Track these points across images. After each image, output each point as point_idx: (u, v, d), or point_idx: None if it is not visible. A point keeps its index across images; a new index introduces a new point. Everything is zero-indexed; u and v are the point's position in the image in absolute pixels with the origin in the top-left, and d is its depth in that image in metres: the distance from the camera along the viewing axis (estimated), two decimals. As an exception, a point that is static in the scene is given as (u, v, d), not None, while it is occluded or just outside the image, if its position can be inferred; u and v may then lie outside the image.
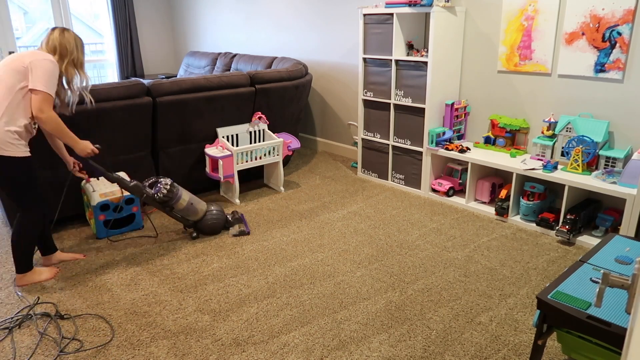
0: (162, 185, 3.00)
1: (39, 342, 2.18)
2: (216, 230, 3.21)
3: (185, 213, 3.09)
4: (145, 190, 2.98)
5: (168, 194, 2.99)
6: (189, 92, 3.55)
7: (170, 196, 3.00)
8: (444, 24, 3.54)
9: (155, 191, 3.00)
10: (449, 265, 2.80)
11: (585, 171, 3.06)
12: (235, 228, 3.24)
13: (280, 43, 5.37)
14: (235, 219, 3.30)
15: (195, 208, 3.11)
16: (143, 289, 2.60)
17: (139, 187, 2.96)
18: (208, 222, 3.16)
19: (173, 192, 3.01)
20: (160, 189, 2.99)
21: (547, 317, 1.63)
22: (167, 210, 3.08)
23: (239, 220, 3.31)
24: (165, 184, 3.00)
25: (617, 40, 2.96)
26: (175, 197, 3.02)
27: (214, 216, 3.18)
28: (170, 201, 3.02)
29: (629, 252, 1.89)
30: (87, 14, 6.73)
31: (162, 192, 2.98)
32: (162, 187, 2.99)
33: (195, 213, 3.12)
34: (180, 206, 3.05)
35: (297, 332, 2.23)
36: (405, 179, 4.01)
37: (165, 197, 2.99)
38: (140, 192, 2.96)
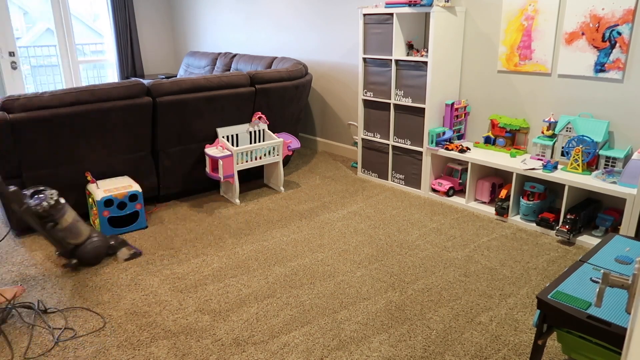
0: (47, 196, 2.61)
1: (32, 332, 2.18)
2: (99, 256, 2.83)
3: (67, 233, 2.69)
4: (26, 199, 2.57)
5: (52, 207, 2.59)
6: (189, 92, 3.55)
7: (54, 210, 2.60)
8: (444, 24, 3.54)
9: (36, 202, 2.57)
10: (449, 265, 2.80)
11: (585, 171, 3.06)
12: (124, 252, 2.92)
13: (280, 43, 5.37)
14: (119, 243, 2.95)
15: (78, 229, 2.74)
16: (143, 289, 2.60)
17: (18, 195, 2.53)
18: (89, 248, 2.77)
19: (58, 207, 2.62)
20: (43, 200, 2.58)
21: (547, 317, 1.63)
22: (46, 228, 2.62)
23: (123, 243, 2.96)
24: (50, 195, 2.62)
25: (617, 40, 2.96)
26: (59, 213, 2.63)
27: (96, 241, 2.80)
28: (53, 217, 2.60)
29: (629, 252, 1.89)
30: (87, 14, 6.73)
31: (44, 204, 2.56)
32: (47, 198, 2.59)
33: (77, 235, 2.74)
34: (64, 223, 2.65)
35: (297, 332, 2.23)
36: (405, 179, 4.01)
37: (48, 212, 2.58)
38: (20, 201, 2.54)
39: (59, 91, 3.09)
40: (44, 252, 3.01)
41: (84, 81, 6.66)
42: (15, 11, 6.01)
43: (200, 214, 3.57)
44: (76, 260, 2.76)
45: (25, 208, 2.55)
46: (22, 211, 2.54)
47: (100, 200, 3.08)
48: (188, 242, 3.14)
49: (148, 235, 3.23)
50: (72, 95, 3.10)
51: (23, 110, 2.96)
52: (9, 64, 5.73)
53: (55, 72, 6.40)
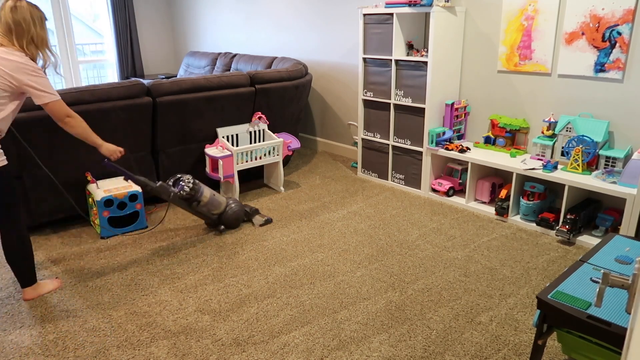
0: (185, 182, 3.01)
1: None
2: (239, 219, 3.25)
3: (209, 207, 3.11)
4: (171, 189, 2.98)
5: (192, 189, 3.00)
6: (189, 92, 3.55)
7: (194, 192, 3.02)
8: (444, 24, 3.54)
9: (179, 189, 3.01)
10: (449, 265, 2.80)
11: (585, 171, 3.06)
12: (258, 218, 3.32)
13: (280, 43, 5.37)
14: (253, 210, 3.37)
15: (217, 200, 3.14)
16: (143, 289, 2.60)
17: (165, 188, 2.95)
18: (230, 214, 3.20)
19: (196, 187, 3.03)
20: (183, 186, 3.00)
21: (547, 317, 1.63)
22: (192, 207, 3.07)
23: (257, 211, 3.39)
24: (187, 180, 3.02)
25: (617, 40, 2.96)
26: (199, 192, 3.04)
27: (234, 208, 3.22)
28: (195, 196, 3.04)
29: (629, 252, 1.89)
30: (87, 14, 6.73)
31: (185, 188, 2.99)
32: (185, 184, 3.00)
33: (218, 205, 3.14)
34: (204, 200, 3.07)
35: (297, 332, 2.23)
36: (405, 179, 4.01)
37: (190, 193, 3.01)
38: (167, 192, 2.95)
39: (59, 91, 3.09)
40: (45, 252, 3.01)
41: (84, 81, 6.66)
42: (15, 11, 5.99)
43: (200, 214, 3.57)
44: (223, 226, 3.18)
45: (173, 196, 2.97)
46: (171, 199, 2.96)
47: (100, 200, 3.08)
48: (188, 242, 3.14)
49: (148, 235, 3.23)
50: (72, 96, 3.10)
51: (23, 110, 2.96)
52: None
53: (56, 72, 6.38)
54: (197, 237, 3.21)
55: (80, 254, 2.99)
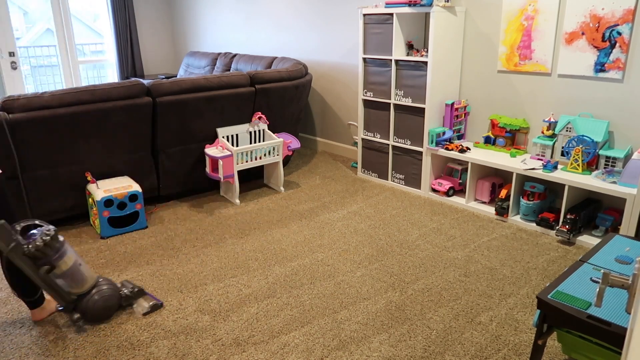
0: (43, 232, 2.06)
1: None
2: (110, 309, 2.31)
3: (68, 281, 2.17)
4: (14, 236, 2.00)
5: (46, 246, 2.04)
6: (189, 92, 3.55)
7: (50, 250, 2.06)
8: (444, 24, 3.54)
9: (28, 240, 2.04)
10: (449, 265, 2.80)
11: (585, 171, 3.06)
12: (142, 304, 2.40)
13: (280, 43, 5.37)
14: (134, 293, 2.42)
15: (82, 274, 2.20)
16: (143, 289, 2.60)
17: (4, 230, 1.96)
18: (97, 300, 2.24)
19: (54, 245, 2.07)
20: (36, 238, 2.03)
21: (547, 317, 1.63)
22: (42, 273, 2.07)
23: (140, 293, 2.46)
24: (47, 231, 2.06)
25: (617, 40, 2.95)
26: (56, 254, 2.09)
27: (105, 293, 2.27)
28: (49, 258, 2.06)
29: (629, 252, 1.89)
30: (87, 14, 6.73)
31: (38, 242, 2.01)
32: (42, 235, 2.04)
33: (80, 282, 2.20)
34: (64, 266, 2.11)
35: (297, 332, 2.23)
36: (405, 179, 4.01)
37: (42, 251, 2.03)
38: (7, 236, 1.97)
39: (59, 91, 3.09)
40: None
41: (84, 81, 6.65)
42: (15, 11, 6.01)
43: (200, 214, 3.57)
44: (78, 314, 2.23)
45: (13, 247, 1.96)
46: (9, 251, 1.96)
47: (100, 200, 3.08)
48: (188, 242, 3.14)
49: (148, 236, 3.23)
50: (72, 96, 3.10)
51: (23, 111, 2.96)
52: (9, 64, 5.73)
53: (55, 72, 6.40)
54: (197, 237, 3.21)
55: (80, 254, 2.99)
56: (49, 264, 2.07)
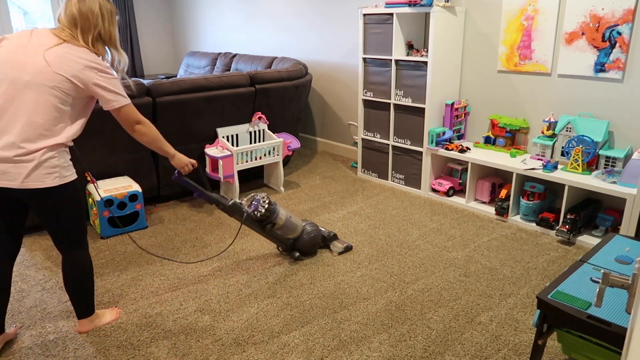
0: (260, 201, 2.71)
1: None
2: (316, 245, 2.91)
3: (284, 230, 2.78)
4: (244, 209, 2.68)
5: (268, 210, 2.68)
6: (189, 92, 3.55)
7: (269, 213, 2.69)
8: (444, 24, 3.54)
9: (253, 208, 2.71)
10: (449, 265, 2.80)
11: (585, 171, 3.06)
12: (337, 245, 2.97)
13: (280, 43, 5.37)
14: (332, 236, 3.01)
15: (293, 223, 2.79)
16: (143, 289, 2.60)
17: (238, 207, 2.65)
18: (307, 239, 2.84)
19: (272, 208, 2.70)
20: (258, 206, 2.69)
21: (547, 317, 1.63)
22: (266, 230, 2.73)
23: (335, 236, 3.03)
24: (263, 199, 2.71)
25: (617, 40, 2.96)
26: (274, 213, 2.71)
27: (311, 233, 2.86)
28: (270, 218, 2.71)
29: (629, 252, 1.89)
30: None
31: (260, 209, 2.67)
32: (261, 204, 2.69)
33: (294, 229, 2.80)
34: (279, 222, 2.73)
35: (297, 332, 2.23)
36: (405, 179, 4.01)
37: (265, 215, 2.68)
38: (240, 212, 2.65)
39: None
40: (44, 253, 3.01)
41: (84, 81, 6.64)
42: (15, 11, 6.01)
43: (200, 214, 3.57)
44: (298, 253, 2.84)
45: (246, 216, 2.66)
46: (244, 220, 2.65)
47: (100, 200, 3.08)
48: (188, 242, 3.14)
49: (148, 235, 3.23)
50: (72, 95, 3.09)
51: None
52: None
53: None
54: (197, 237, 3.21)
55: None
56: (270, 222, 2.72)
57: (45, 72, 1.84)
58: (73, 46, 1.90)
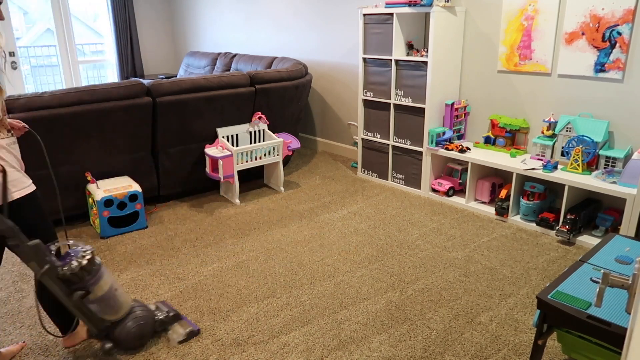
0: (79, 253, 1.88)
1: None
2: (144, 337, 2.12)
3: (102, 306, 1.94)
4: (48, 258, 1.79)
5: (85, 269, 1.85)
6: (189, 92, 3.55)
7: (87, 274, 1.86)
8: (444, 24, 3.54)
9: (64, 262, 1.84)
10: (449, 265, 2.80)
11: (585, 171, 3.06)
12: (178, 331, 2.20)
13: (280, 43, 5.37)
14: (169, 317, 2.23)
15: (117, 300, 1.99)
16: (143, 289, 2.60)
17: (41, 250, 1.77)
18: (132, 328, 2.05)
19: (92, 268, 1.88)
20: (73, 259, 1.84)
21: (547, 317, 1.63)
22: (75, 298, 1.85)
23: (175, 318, 2.25)
24: (84, 252, 1.89)
25: (617, 40, 2.95)
26: (94, 277, 1.89)
27: (140, 316, 2.08)
28: (85, 281, 1.86)
29: (629, 252, 1.89)
30: (87, 14, 6.73)
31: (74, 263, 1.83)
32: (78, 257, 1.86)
33: (116, 308, 1.99)
34: (99, 291, 1.90)
35: (297, 332, 2.23)
36: (405, 179, 4.01)
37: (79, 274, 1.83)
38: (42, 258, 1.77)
39: (59, 91, 3.09)
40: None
41: (84, 81, 6.65)
42: (15, 11, 6.01)
43: (200, 214, 3.57)
44: (110, 344, 2.00)
45: (47, 269, 1.77)
46: (42, 273, 1.77)
47: (100, 200, 3.08)
48: (188, 242, 3.14)
49: (148, 235, 3.23)
50: (72, 96, 3.10)
51: (23, 111, 2.96)
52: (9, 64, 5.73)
53: (55, 72, 6.40)
54: (197, 237, 3.21)
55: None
56: (83, 288, 1.86)
57: None
58: None
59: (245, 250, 3.01)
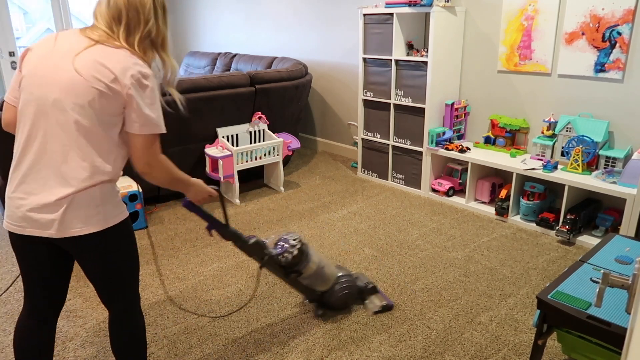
0: (290, 242, 2.20)
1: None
2: (348, 304, 2.40)
3: (313, 280, 2.27)
4: (266, 250, 2.14)
5: (297, 256, 2.17)
6: (189, 92, 3.55)
7: (298, 260, 2.18)
8: (444, 24, 3.54)
9: (279, 251, 2.19)
10: (449, 265, 2.80)
11: (585, 171, 3.06)
12: (374, 302, 2.41)
13: (280, 43, 5.37)
14: (369, 288, 2.45)
15: (325, 274, 2.29)
16: (143, 289, 2.60)
17: (259, 247, 2.12)
18: (339, 294, 2.33)
19: (303, 254, 2.19)
20: (287, 248, 2.18)
21: (547, 317, 1.63)
22: (291, 278, 2.23)
23: (373, 290, 2.46)
24: (293, 241, 2.20)
25: (617, 40, 2.95)
26: (305, 261, 2.20)
27: (345, 286, 2.35)
28: (299, 265, 2.19)
29: (629, 252, 1.89)
30: (87, 14, 6.73)
31: (288, 254, 2.17)
32: (290, 246, 2.18)
33: (324, 281, 2.30)
34: (309, 271, 2.22)
35: (297, 332, 2.23)
36: (405, 179, 4.01)
37: (293, 261, 2.17)
38: (261, 252, 2.13)
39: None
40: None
41: (84, 81, 6.64)
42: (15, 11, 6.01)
43: (200, 214, 3.57)
44: (322, 311, 2.35)
45: (267, 260, 2.14)
46: (264, 263, 2.14)
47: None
48: (188, 242, 3.14)
49: (148, 236, 3.23)
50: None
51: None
52: (9, 64, 5.73)
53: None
54: (197, 237, 3.21)
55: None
56: (297, 271, 2.20)
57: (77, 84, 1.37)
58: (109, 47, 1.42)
59: (245, 250, 3.01)
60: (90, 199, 1.43)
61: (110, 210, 1.48)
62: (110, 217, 1.48)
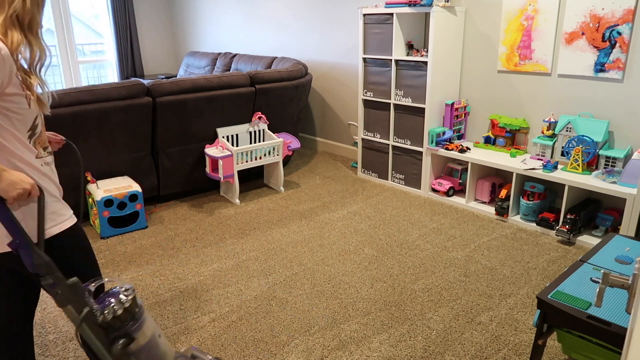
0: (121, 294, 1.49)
1: (39, 342, 2.17)
2: None
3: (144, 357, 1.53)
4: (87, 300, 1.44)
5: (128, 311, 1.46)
6: (189, 92, 3.55)
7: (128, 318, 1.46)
8: (444, 24, 3.54)
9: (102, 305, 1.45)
10: (449, 265, 2.80)
11: (585, 171, 3.06)
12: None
13: (280, 43, 5.37)
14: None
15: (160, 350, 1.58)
16: (143, 290, 2.60)
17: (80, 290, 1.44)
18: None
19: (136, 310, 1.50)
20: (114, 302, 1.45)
21: (547, 316, 1.63)
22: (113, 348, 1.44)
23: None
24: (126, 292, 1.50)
25: (617, 40, 2.95)
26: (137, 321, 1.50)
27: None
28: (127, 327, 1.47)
29: (629, 252, 1.89)
30: (87, 14, 6.73)
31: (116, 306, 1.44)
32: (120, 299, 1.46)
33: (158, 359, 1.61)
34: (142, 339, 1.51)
35: (297, 332, 2.23)
36: (405, 179, 4.01)
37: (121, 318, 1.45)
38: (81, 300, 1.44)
39: (59, 91, 3.09)
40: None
41: (84, 81, 6.65)
42: (15, 11, 6.00)
43: (200, 214, 3.57)
44: None
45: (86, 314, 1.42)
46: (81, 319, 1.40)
47: (100, 200, 3.08)
48: (188, 242, 3.14)
49: (148, 236, 3.23)
50: (72, 96, 3.10)
51: (23, 111, 2.96)
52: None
53: (55, 72, 6.40)
54: (197, 237, 3.21)
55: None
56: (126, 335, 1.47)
57: None
58: None
59: (245, 250, 3.01)
60: None
61: None
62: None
